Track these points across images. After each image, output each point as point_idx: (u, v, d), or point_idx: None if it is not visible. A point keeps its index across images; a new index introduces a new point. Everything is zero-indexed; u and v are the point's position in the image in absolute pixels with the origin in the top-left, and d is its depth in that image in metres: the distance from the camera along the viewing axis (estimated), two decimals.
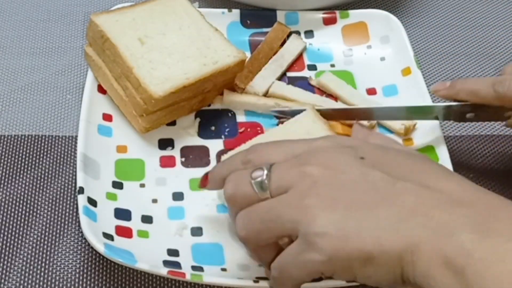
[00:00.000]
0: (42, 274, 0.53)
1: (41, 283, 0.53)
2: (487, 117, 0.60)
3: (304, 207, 0.42)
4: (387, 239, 0.41)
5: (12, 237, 0.55)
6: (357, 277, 0.42)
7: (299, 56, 0.70)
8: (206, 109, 0.64)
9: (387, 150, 0.47)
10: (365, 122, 0.62)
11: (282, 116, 0.63)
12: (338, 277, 0.43)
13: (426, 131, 0.62)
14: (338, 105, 0.65)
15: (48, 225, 0.56)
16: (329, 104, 0.64)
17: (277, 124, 0.63)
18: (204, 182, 0.50)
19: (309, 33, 0.72)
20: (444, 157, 0.59)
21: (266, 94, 0.65)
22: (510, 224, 0.39)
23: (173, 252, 0.53)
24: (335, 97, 0.66)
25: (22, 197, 0.58)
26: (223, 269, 0.53)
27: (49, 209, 0.57)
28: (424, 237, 0.40)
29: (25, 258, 0.54)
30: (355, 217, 0.41)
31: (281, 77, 0.68)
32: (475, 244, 0.38)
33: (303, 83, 0.67)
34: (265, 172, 0.45)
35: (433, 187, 0.42)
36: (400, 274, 0.41)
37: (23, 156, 0.61)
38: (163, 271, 0.50)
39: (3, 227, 0.56)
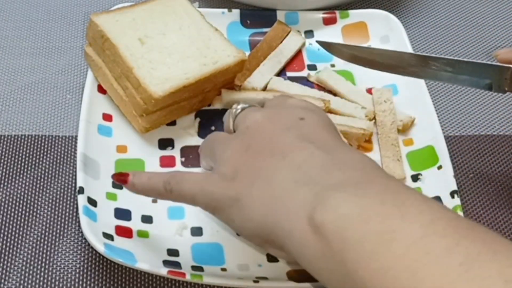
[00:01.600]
0: (42, 274, 0.53)
1: (41, 283, 0.53)
2: None
3: (227, 147, 0.47)
4: (258, 187, 0.43)
5: (12, 237, 0.55)
6: (224, 220, 0.46)
7: (299, 56, 0.70)
8: (206, 109, 0.64)
9: (330, 123, 0.48)
10: None
11: None
12: (214, 216, 0.47)
13: (426, 131, 0.62)
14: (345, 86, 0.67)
15: (48, 225, 0.56)
16: (328, 98, 0.65)
17: None
18: None
19: (309, 33, 0.72)
20: (444, 157, 0.59)
21: (264, 90, 0.65)
22: (385, 191, 0.39)
23: (173, 252, 0.53)
24: (334, 93, 0.66)
25: (22, 197, 0.58)
26: (223, 269, 0.53)
27: (49, 209, 0.57)
28: (293, 191, 0.41)
29: (25, 258, 0.54)
30: (250, 165, 0.44)
31: (279, 74, 0.68)
32: (341, 202, 0.38)
33: (303, 83, 0.67)
34: (240, 107, 0.50)
35: (330, 151, 0.43)
36: (262, 222, 0.42)
37: (23, 156, 0.61)
38: (163, 271, 0.50)
39: (3, 227, 0.56)
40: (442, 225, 0.36)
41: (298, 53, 0.70)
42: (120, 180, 0.49)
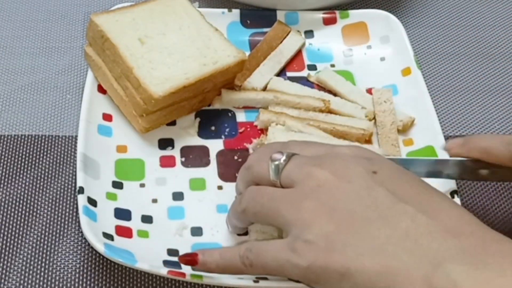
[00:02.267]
0: (42, 274, 0.53)
1: (41, 283, 0.53)
2: (503, 177, 0.54)
3: (302, 209, 0.43)
4: (370, 259, 0.40)
5: (12, 237, 0.55)
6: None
7: (299, 56, 0.70)
8: (206, 109, 0.64)
9: (403, 171, 0.46)
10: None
11: None
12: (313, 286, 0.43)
13: (426, 131, 0.62)
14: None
15: (48, 225, 0.56)
16: (328, 98, 0.65)
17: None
18: None
19: (309, 33, 0.72)
20: (444, 157, 0.59)
21: (264, 90, 0.65)
22: (502, 259, 0.38)
23: (173, 252, 0.53)
24: (334, 93, 0.66)
25: (22, 197, 0.58)
26: None
27: (49, 209, 0.57)
28: (409, 263, 0.39)
29: (25, 258, 0.54)
30: (346, 231, 0.41)
31: (279, 74, 0.68)
32: (463, 275, 0.37)
33: (303, 83, 0.67)
34: (283, 158, 0.46)
35: (431, 214, 0.41)
36: None
37: (23, 156, 0.61)
38: (163, 271, 0.50)
39: (3, 227, 0.56)
40: None
41: (298, 53, 0.70)
42: (188, 262, 0.47)
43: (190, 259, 0.47)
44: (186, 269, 0.51)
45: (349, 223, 0.42)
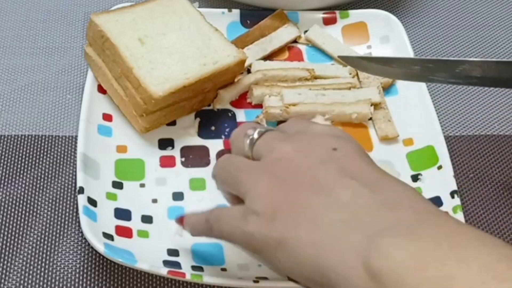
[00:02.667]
0: (42, 274, 0.53)
1: (41, 283, 0.53)
2: None
3: (258, 180, 0.44)
4: (306, 228, 0.41)
5: (12, 237, 0.55)
6: (268, 261, 0.43)
7: (299, 56, 0.70)
8: (206, 109, 0.64)
9: (365, 153, 0.46)
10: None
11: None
12: (255, 255, 0.45)
13: (426, 131, 0.62)
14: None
15: (48, 225, 0.56)
16: (311, 67, 0.67)
17: (277, 124, 0.63)
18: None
19: None
20: (444, 157, 0.59)
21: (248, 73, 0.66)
22: (438, 231, 0.38)
23: (173, 252, 0.53)
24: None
25: (22, 197, 0.58)
26: (223, 269, 0.53)
27: (49, 209, 0.57)
28: (341, 235, 0.40)
29: (25, 258, 0.54)
30: (291, 202, 0.42)
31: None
32: (397, 248, 0.37)
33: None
34: (256, 134, 0.48)
35: (375, 188, 0.41)
36: (313, 266, 0.40)
37: (23, 156, 0.61)
38: (163, 271, 0.50)
39: (3, 227, 0.56)
40: (502, 268, 0.35)
41: (298, 53, 0.70)
42: (179, 223, 0.50)
43: (180, 221, 0.50)
44: (186, 269, 0.51)
45: (295, 195, 0.43)
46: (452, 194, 0.56)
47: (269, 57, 0.69)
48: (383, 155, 0.61)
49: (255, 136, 0.47)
